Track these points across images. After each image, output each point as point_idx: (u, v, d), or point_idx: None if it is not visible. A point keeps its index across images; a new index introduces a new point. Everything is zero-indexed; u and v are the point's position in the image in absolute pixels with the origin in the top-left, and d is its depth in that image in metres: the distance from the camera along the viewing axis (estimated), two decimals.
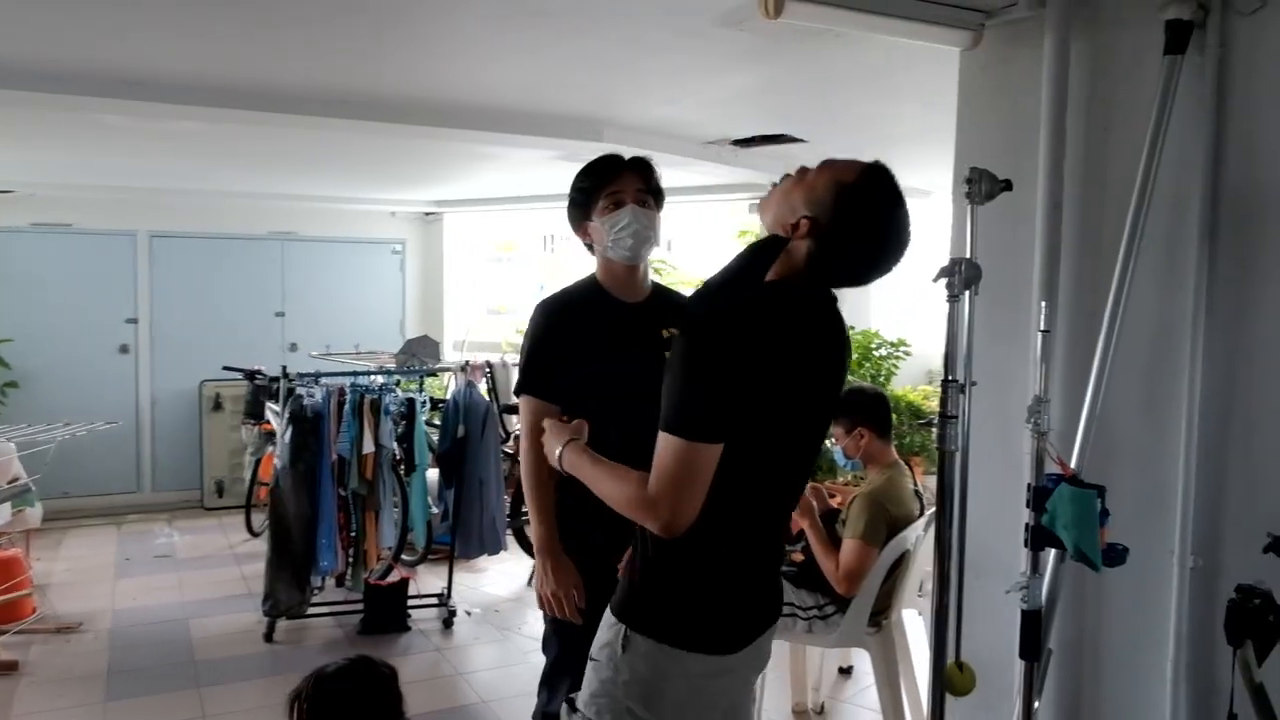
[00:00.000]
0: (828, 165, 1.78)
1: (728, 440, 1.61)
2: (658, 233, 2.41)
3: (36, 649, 4.44)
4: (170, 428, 7.56)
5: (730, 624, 1.77)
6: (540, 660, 2.53)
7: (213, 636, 4.64)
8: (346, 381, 4.80)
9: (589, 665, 1.80)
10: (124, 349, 7.44)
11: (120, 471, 7.41)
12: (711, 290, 1.73)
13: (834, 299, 1.80)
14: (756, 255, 1.74)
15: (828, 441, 3.44)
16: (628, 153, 2.50)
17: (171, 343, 7.54)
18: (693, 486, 1.61)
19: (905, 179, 5.93)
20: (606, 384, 2.32)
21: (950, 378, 2.17)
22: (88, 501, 7.15)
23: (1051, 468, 2.18)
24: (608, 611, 1.80)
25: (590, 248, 2.45)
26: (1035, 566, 2.22)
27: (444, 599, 4.92)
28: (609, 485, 1.75)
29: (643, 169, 2.41)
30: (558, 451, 1.90)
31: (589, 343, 2.36)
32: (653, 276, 2.55)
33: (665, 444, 1.63)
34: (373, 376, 5.05)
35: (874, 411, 3.38)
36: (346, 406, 4.58)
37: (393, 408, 4.74)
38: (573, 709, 1.81)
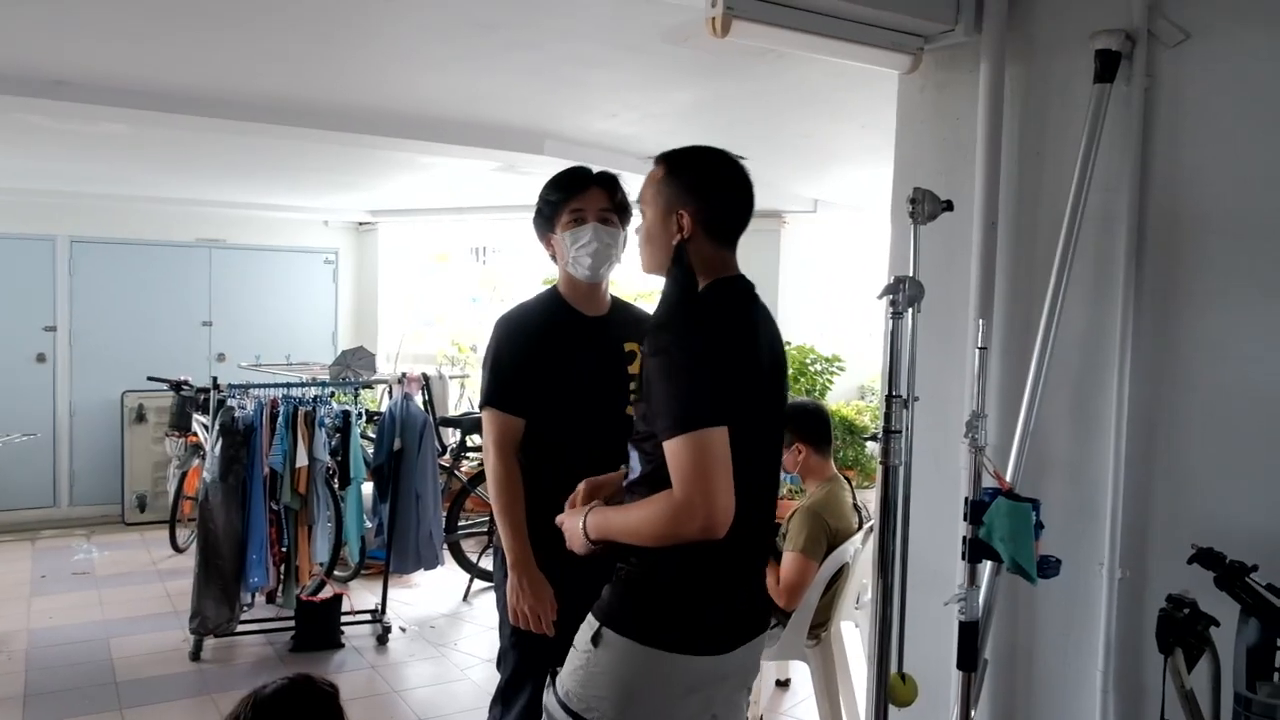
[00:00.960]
0: (651, 178, 1.91)
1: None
2: (620, 249, 2.42)
3: None
4: (90, 439, 7.31)
5: (720, 623, 1.79)
6: (480, 676, 2.51)
7: (136, 656, 4.49)
8: (279, 393, 4.70)
9: (573, 652, 1.82)
10: (41, 358, 7.18)
11: (35, 485, 7.14)
12: (671, 305, 1.82)
13: (753, 286, 1.92)
14: (683, 270, 1.84)
15: None
16: (568, 165, 2.51)
17: (92, 352, 7.30)
18: (719, 475, 1.63)
19: (839, 197, 6.05)
20: (571, 395, 2.35)
21: (894, 393, 2.21)
22: (0, 516, 6.87)
23: (988, 481, 2.24)
24: (591, 615, 1.82)
25: (554, 258, 2.46)
26: (973, 578, 2.27)
27: (378, 615, 4.84)
28: (638, 520, 1.74)
29: (609, 185, 2.43)
30: (581, 526, 1.86)
31: (552, 355, 2.36)
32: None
33: (675, 449, 1.64)
34: (306, 388, 4.95)
35: (812, 426, 3.42)
36: (280, 419, 4.48)
37: (327, 420, 4.65)
38: (553, 680, 1.86)
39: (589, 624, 1.81)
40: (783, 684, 4.20)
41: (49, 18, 2.94)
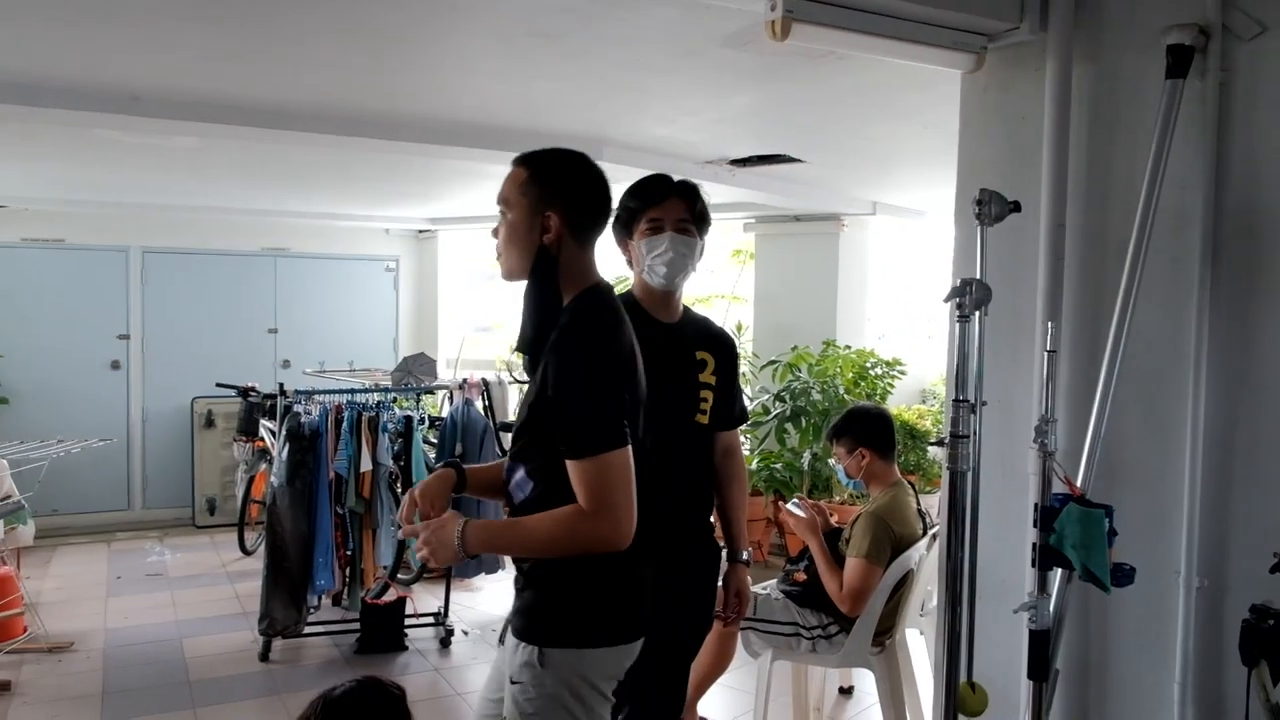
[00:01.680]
0: (514, 179, 1.94)
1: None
2: (696, 259, 2.45)
3: (29, 669, 4.39)
4: (161, 445, 7.52)
5: (639, 606, 1.90)
6: None
7: (207, 656, 4.60)
8: (343, 399, 4.78)
9: (510, 690, 1.82)
10: (115, 365, 7.41)
11: (110, 489, 7.36)
12: (575, 318, 1.85)
13: (612, 287, 1.97)
14: (544, 278, 1.88)
15: (830, 460, 3.45)
16: (627, 173, 2.54)
17: (163, 359, 7.51)
18: (625, 493, 1.72)
19: (899, 199, 6.00)
20: (649, 400, 2.30)
21: (960, 398, 2.18)
22: (77, 519, 7.09)
23: (1058, 487, 2.19)
24: (510, 637, 1.85)
25: (630, 264, 2.51)
26: (1043, 586, 2.22)
27: (441, 618, 4.90)
28: (542, 537, 1.77)
29: (688, 195, 2.44)
30: (456, 540, 1.79)
31: None
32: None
33: (585, 469, 1.71)
34: (369, 394, 5.03)
35: (875, 431, 3.39)
36: (344, 424, 4.56)
37: (390, 425, 4.72)
38: None
39: (522, 650, 1.80)
40: (846, 691, 4.16)
41: (126, 36, 3.03)
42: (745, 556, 2.65)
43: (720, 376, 2.52)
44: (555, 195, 1.88)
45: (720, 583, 2.63)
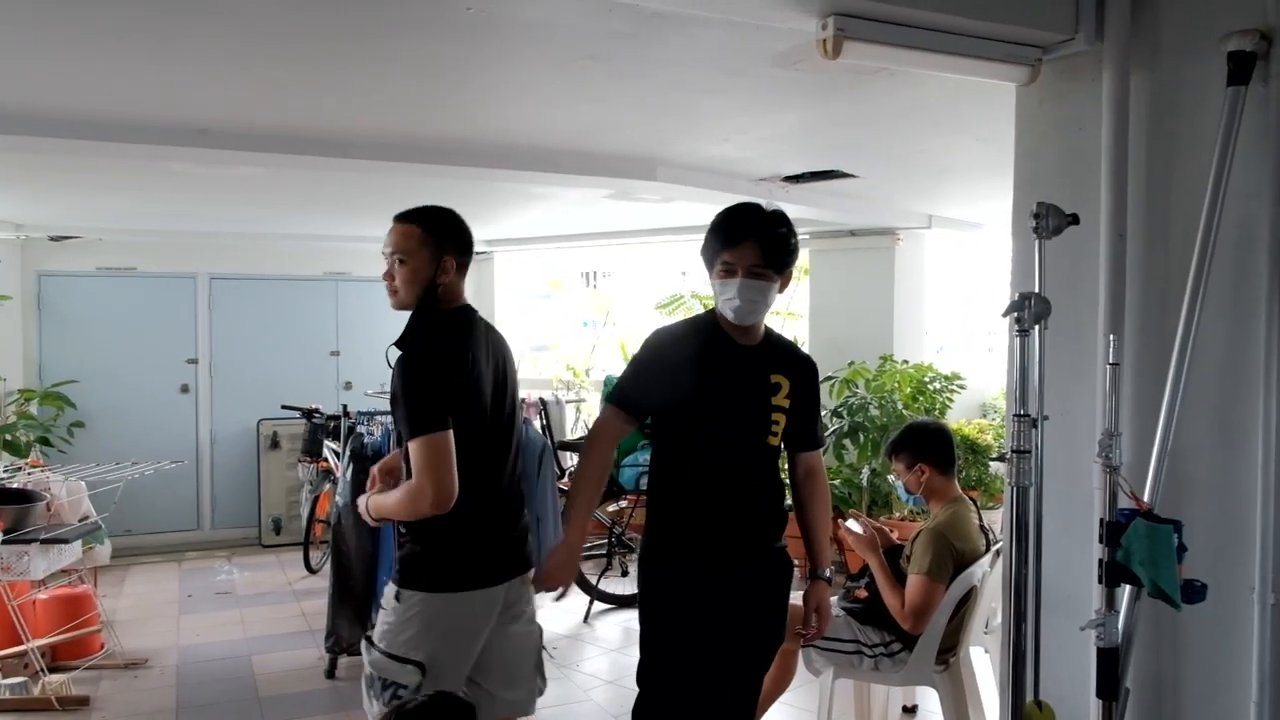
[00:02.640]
0: (408, 234, 2.53)
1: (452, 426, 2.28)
2: (770, 299, 2.45)
3: (106, 684, 4.53)
4: (229, 466, 7.70)
5: (480, 566, 2.42)
6: (602, 697, 2.61)
7: (276, 673, 4.70)
8: None
9: (382, 614, 2.43)
10: (185, 389, 7.62)
11: (181, 509, 7.56)
12: (413, 332, 2.44)
13: (474, 310, 2.63)
14: (430, 304, 2.49)
15: (889, 477, 3.43)
16: (682, 192, 2.59)
17: (230, 382, 7.70)
18: (444, 466, 2.25)
19: (955, 213, 5.94)
20: (716, 417, 2.45)
21: (1021, 412, 2.16)
22: (148, 539, 7.29)
23: (1124, 502, 2.16)
24: (390, 581, 2.43)
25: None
26: (1110, 603, 2.19)
27: None
28: (395, 501, 2.37)
29: (764, 238, 2.40)
30: (365, 507, 2.48)
31: (702, 378, 2.45)
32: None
33: (413, 449, 2.27)
34: None
35: (935, 446, 3.36)
36: None
37: None
38: (370, 644, 2.42)
39: (390, 589, 2.42)
40: (910, 711, 4.11)
41: (196, 74, 3.15)
42: (827, 574, 2.67)
43: (796, 400, 2.53)
44: (450, 243, 2.53)
45: (801, 600, 2.66)
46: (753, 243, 2.39)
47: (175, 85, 3.29)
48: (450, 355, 2.39)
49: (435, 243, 2.49)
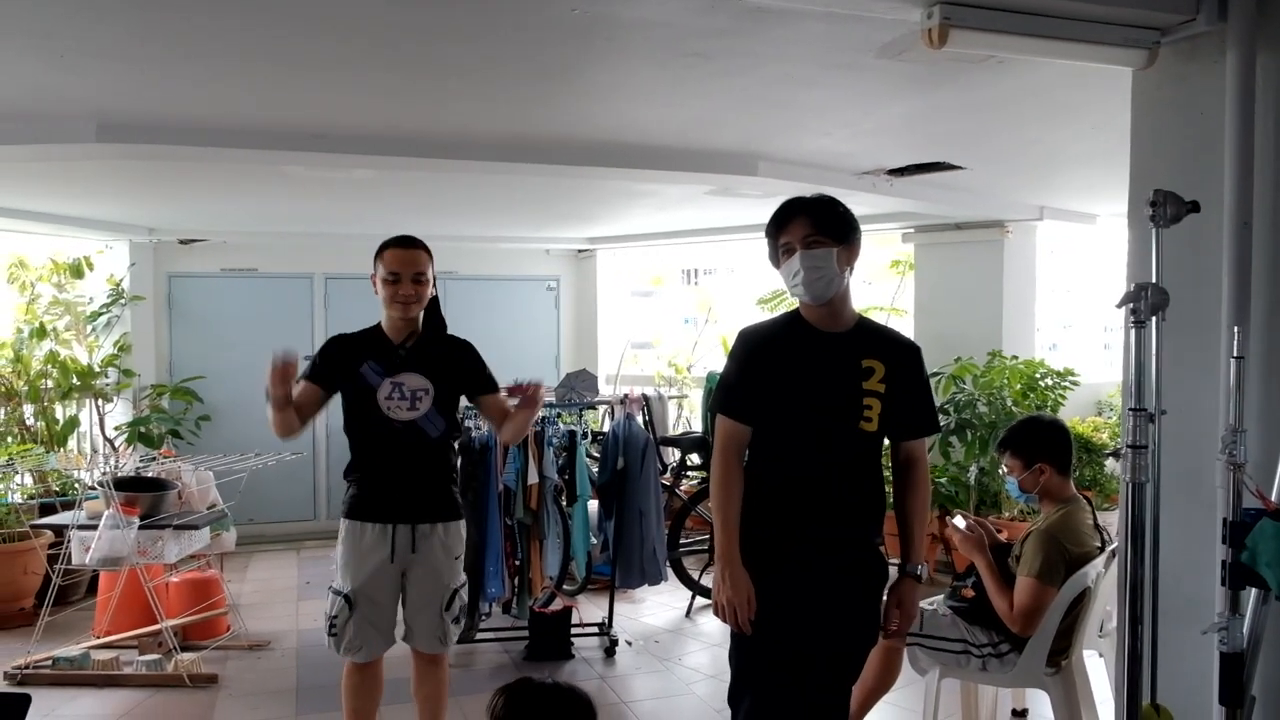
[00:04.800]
0: (424, 262, 3.27)
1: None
2: (834, 268, 2.43)
3: (232, 664, 4.76)
4: (342, 459, 7.92)
5: (370, 506, 3.29)
6: (704, 691, 2.63)
7: (388, 658, 4.82)
8: None
9: (456, 562, 3.28)
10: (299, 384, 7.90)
11: (298, 500, 7.87)
12: (464, 343, 3.38)
13: None
14: (437, 310, 3.42)
15: (1000, 470, 3.35)
16: (781, 187, 2.59)
17: None
18: None
19: (1068, 203, 5.78)
20: (806, 408, 2.45)
21: (1138, 406, 2.09)
22: (269, 528, 7.61)
23: (1250, 501, 2.07)
24: None
25: None
26: (1235, 606, 2.10)
27: (605, 628, 5.01)
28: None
29: (811, 210, 2.46)
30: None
31: (788, 370, 2.47)
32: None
33: (500, 398, 3.31)
34: None
35: (1054, 444, 3.26)
36: None
37: (555, 440, 4.88)
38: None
39: (460, 528, 3.30)
40: (1020, 714, 4.00)
41: (313, 81, 3.30)
42: (918, 570, 2.59)
43: (892, 384, 2.49)
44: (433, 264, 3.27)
45: (886, 595, 2.62)
46: (801, 216, 2.46)
47: (291, 92, 3.46)
48: None
49: (432, 264, 3.27)
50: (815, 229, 2.43)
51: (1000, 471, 3.43)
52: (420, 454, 3.26)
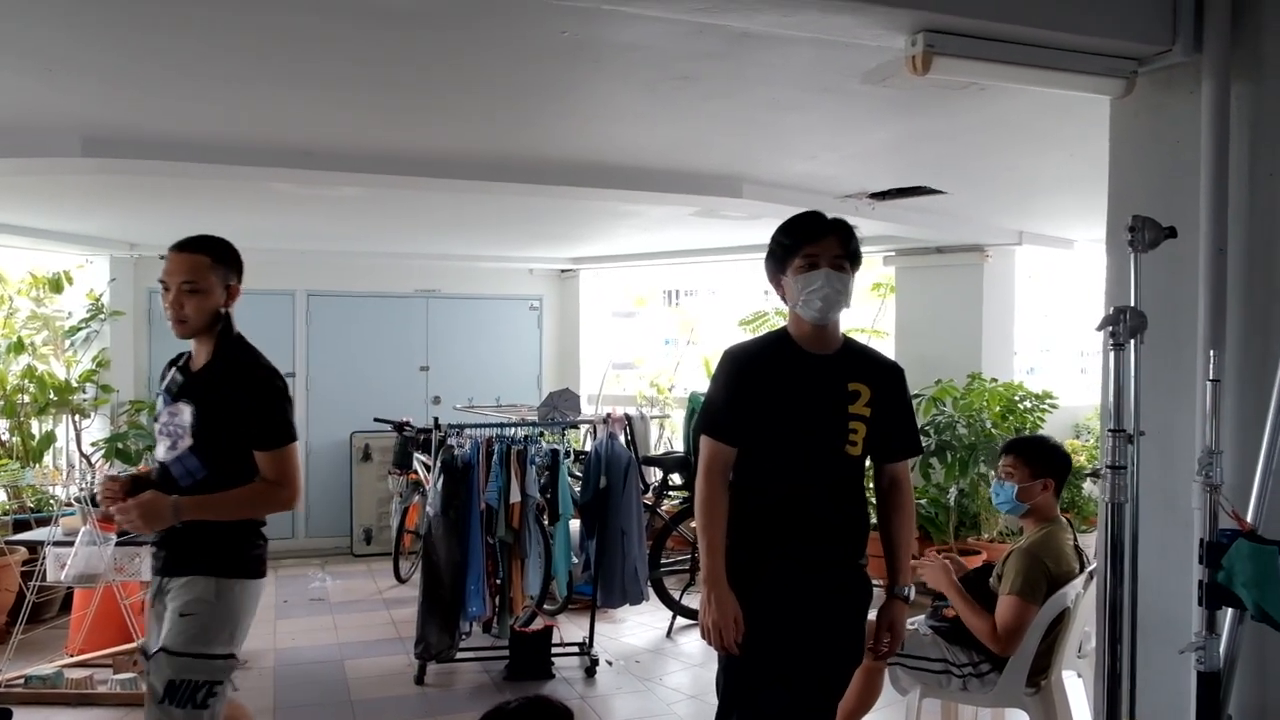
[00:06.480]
0: (199, 264, 2.69)
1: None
2: (849, 295, 2.46)
3: None
4: (323, 477, 7.93)
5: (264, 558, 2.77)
6: (685, 711, 2.61)
7: (367, 677, 4.83)
8: (493, 432, 4.98)
9: (185, 620, 2.57)
10: None
11: (277, 518, 7.58)
12: (251, 352, 2.75)
13: None
14: (229, 328, 2.75)
15: (995, 478, 3.35)
16: (766, 209, 2.60)
17: (325, 396, 7.95)
18: (298, 471, 2.66)
19: (1046, 228, 5.85)
20: (791, 430, 2.43)
21: (1117, 428, 2.13)
22: None
23: (1225, 522, 2.11)
24: (201, 579, 2.59)
25: (784, 298, 2.54)
26: (1211, 626, 2.13)
27: (586, 648, 5.00)
28: (239, 501, 2.61)
29: (843, 233, 2.47)
30: (171, 510, 2.55)
31: (774, 391, 2.45)
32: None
33: (274, 457, 2.60)
34: (517, 428, 5.21)
35: (1061, 466, 3.34)
36: (494, 457, 4.74)
37: (538, 459, 4.88)
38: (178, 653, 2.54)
39: (204, 584, 2.58)
40: None
41: (301, 99, 3.31)
42: (905, 592, 2.59)
43: (877, 407, 2.49)
44: (233, 270, 2.72)
45: (875, 616, 2.61)
46: (833, 236, 2.44)
47: (280, 110, 3.47)
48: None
49: (223, 270, 2.69)
50: (844, 251, 2.44)
51: (993, 476, 3.43)
52: None
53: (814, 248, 2.43)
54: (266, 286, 7.83)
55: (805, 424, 2.45)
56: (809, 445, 2.46)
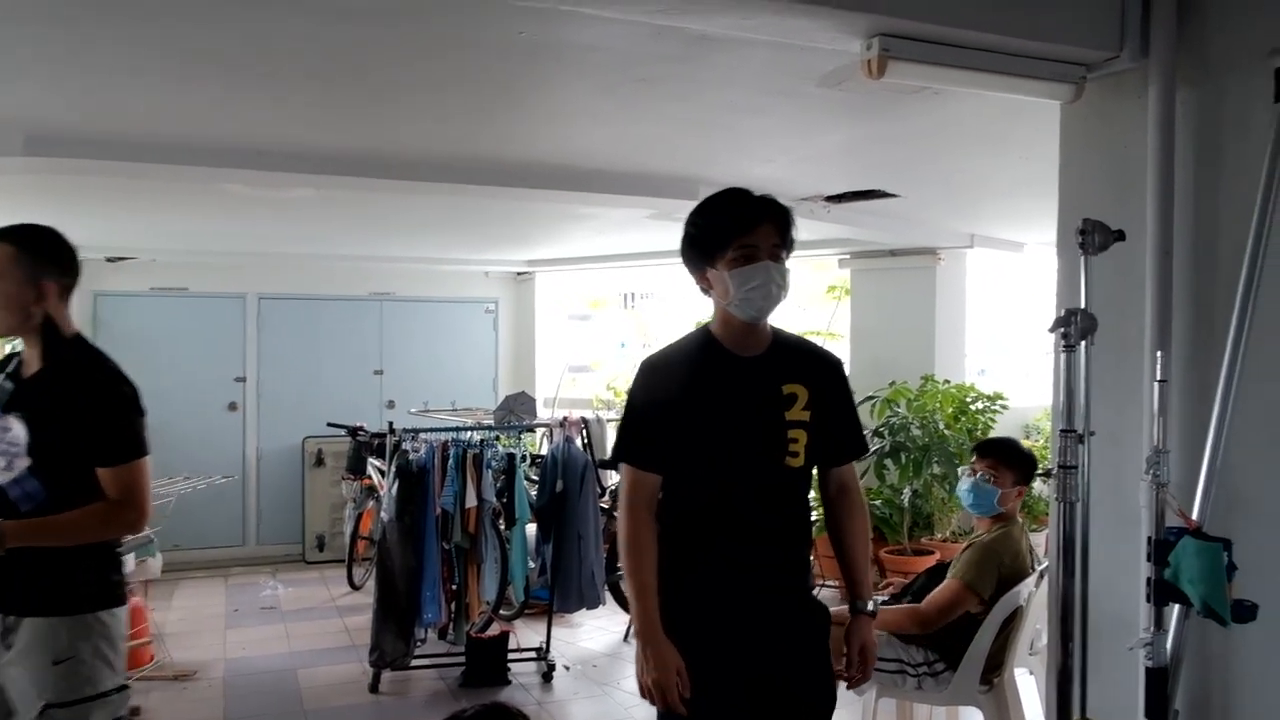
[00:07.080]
0: None
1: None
2: (789, 287, 2.17)
3: (156, 695, 4.61)
4: (274, 483, 7.82)
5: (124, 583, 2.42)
6: (642, 715, 2.49)
7: (320, 686, 4.75)
8: (449, 437, 4.93)
9: (57, 669, 2.20)
10: (233, 406, 7.75)
11: (227, 525, 7.67)
12: (95, 357, 2.39)
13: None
14: (55, 329, 2.35)
15: (967, 476, 3.35)
16: None
17: (277, 400, 7.83)
18: (148, 490, 2.34)
19: (996, 232, 5.93)
20: (720, 443, 2.15)
21: (1068, 428, 2.16)
22: (196, 554, 7.39)
23: (1173, 520, 2.15)
24: (57, 623, 2.22)
25: (706, 292, 2.23)
26: (1159, 622, 2.17)
27: (542, 653, 4.97)
28: (74, 524, 2.25)
29: (780, 219, 2.16)
30: None
31: (699, 402, 2.17)
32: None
33: (118, 474, 2.26)
34: (473, 432, 5.17)
35: (1030, 470, 3.40)
36: (450, 461, 4.70)
37: (493, 463, 4.84)
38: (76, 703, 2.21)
39: (69, 625, 2.22)
40: None
41: (251, 95, 3.25)
42: (870, 607, 2.30)
43: (817, 410, 2.19)
44: (49, 265, 2.34)
45: (844, 638, 2.30)
46: (770, 223, 2.13)
47: (232, 109, 3.40)
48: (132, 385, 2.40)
49: (31, 264, 2.31)
50: (782, 239, 2.15)
51: (964, 475, 3.42)
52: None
53: (751, 239, 2.10)
54: (217, 289, 7.72)
55: (738, 440, 2.16)
56: (744, 462, 2.16)
